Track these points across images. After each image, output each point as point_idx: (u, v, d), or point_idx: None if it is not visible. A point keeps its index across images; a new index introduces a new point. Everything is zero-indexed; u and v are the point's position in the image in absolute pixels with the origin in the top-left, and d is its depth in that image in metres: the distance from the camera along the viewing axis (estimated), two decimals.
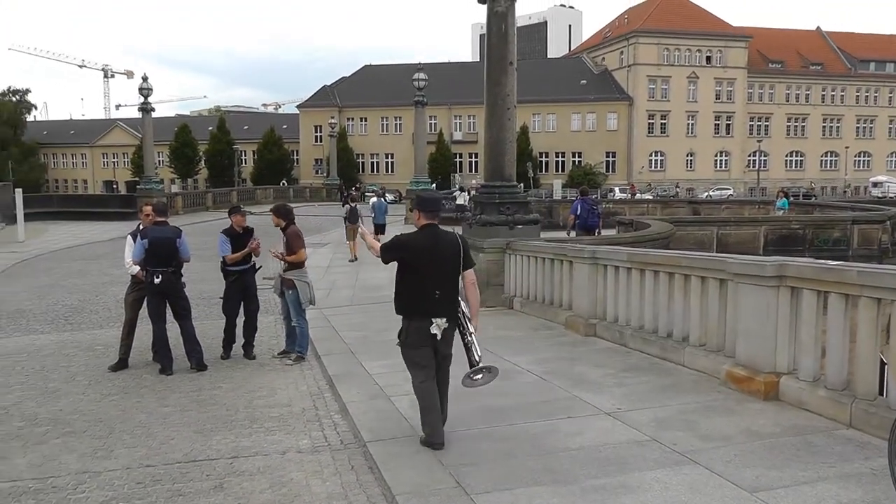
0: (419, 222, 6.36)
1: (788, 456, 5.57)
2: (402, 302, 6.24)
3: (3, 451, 6.75)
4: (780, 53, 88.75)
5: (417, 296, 6.13)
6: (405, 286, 6.22)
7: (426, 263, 6.13)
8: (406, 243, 6.30)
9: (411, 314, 6.17)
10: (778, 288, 6.94)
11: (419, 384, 6.18)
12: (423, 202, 6.46)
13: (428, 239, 6.24)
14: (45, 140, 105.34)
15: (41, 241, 31.02)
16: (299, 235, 10.13)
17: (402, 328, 6.22)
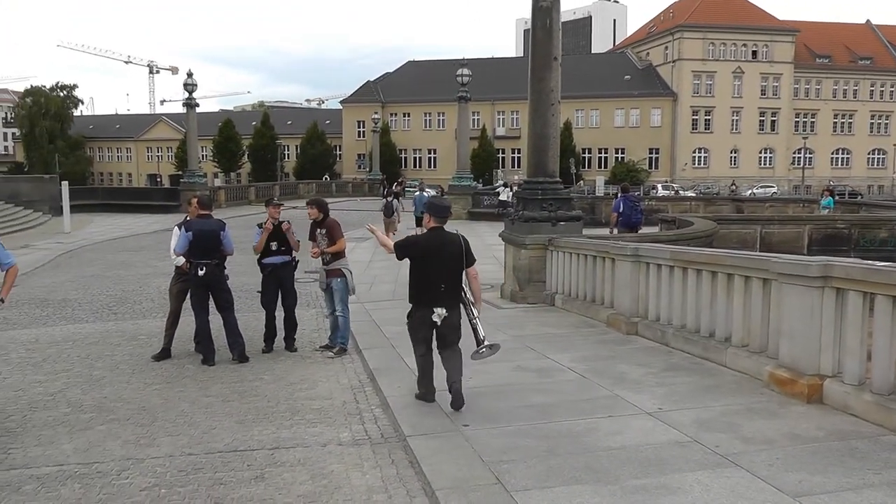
0: (429, 224, 7.28)
1: (832, 461, 5.46)
2: (412, 291, 7.30)
3: (50, 437, 6.89)
4: (827, 48, 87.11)
5: (425, 288, 7.14)
6: (415, 279, 7.23)
7: (433, 261, 7.08)
8: (416, 243, 7.39)
9: (418, 303, 7.21)
10: (823, 289, 6.80)
11: (420, 356, 7.32)
12: (435, 208, 7.35)
13: (435, 240, 7.18)
14: (91, 134, 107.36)
15: (86, 232, 31.61)
16: (338, 225, 10.23)
17: (411, 312, 7.32)
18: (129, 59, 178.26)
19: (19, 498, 5.48)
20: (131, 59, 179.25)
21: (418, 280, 7.20)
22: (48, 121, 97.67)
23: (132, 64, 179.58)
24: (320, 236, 10.08)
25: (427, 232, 7.30)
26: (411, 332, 7.38)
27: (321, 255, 10.10)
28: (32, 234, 30.28)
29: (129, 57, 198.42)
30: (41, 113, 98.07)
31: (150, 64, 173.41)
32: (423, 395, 7.39)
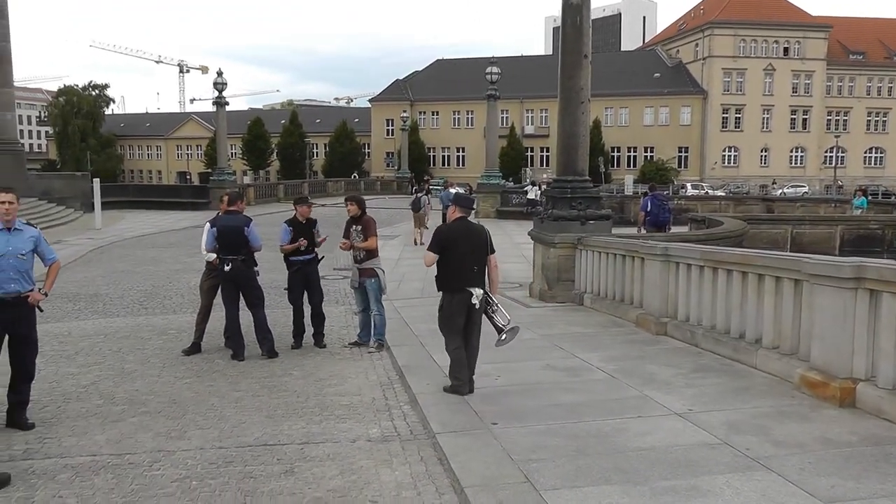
0: (454, 215, 7.74)
1: (866, 466, 5.39)
2: (444, 279, 7.59)
3: (83, 427, 6.99)
4: (861, 44, 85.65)
5: (458, 272, 7.49)
6: (446, 266, 7.54)
7: (464, 245, 7.52)
8: (446, 231, 7.75)
9: (454, 288, 7.52)
10: (856, 290, 6.70)
11: (454, 349, 7.54)
12: (461, 199, 7.96)
13: (463, 228, 7.68)
14: (122, 132, 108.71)
15: (117, 228, 31.97)
16: (374, 224, 10.25)
17: (444, 301, 7.59)
18: (160, 59, 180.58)
19: (55, 486, 5.57)
20: (162, 59, 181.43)
21: (451, 264, 7.50)
22: (80, 119, 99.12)
23: (163, 63, 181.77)
24: (355, 232, 10.11)
25: (453, 221, 7.73)
26: (446, 322, 7.58)
27: (354, 251, 10.12)
28: (64, 230, 30.65)
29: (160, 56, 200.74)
30: (73, 112, 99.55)
31: (181, 63, 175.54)
32: (457, 387, 7.50)
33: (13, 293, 6.58)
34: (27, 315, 6.79)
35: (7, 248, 6.54)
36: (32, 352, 6.97)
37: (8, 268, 6.54)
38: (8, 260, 6.54)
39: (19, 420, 6.92)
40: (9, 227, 6.62)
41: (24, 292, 6.68)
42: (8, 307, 6.54)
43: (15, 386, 6.92)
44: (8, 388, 6.96)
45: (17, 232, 6.68)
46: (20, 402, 6.96)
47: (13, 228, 6.66)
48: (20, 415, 6.95)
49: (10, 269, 6.55)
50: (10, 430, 6.86)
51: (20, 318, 6.70)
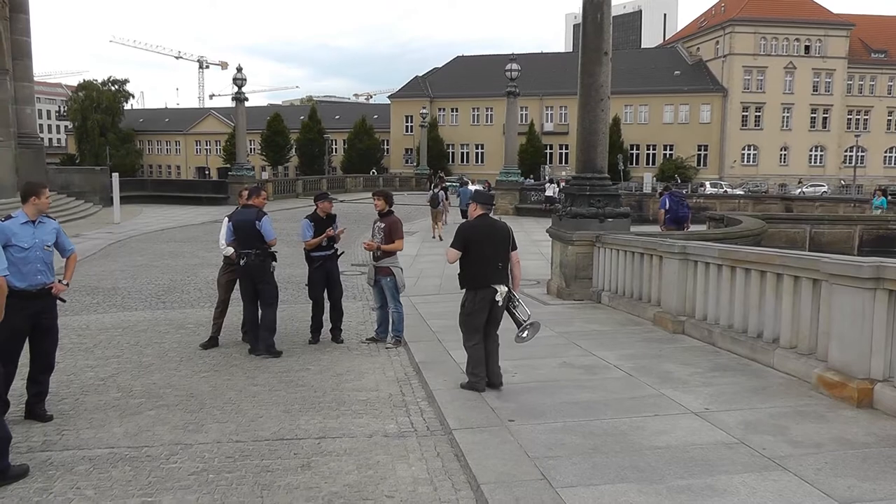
0: (476, 212, 7.78)
1: (883, 467, 5.35)
2: (468, 276, 7.60)
3: (101, 420, 7.05)
4: (883, 42, 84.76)
5: (483, 269, 7.50)
6: (471, 263, 7.55)
7: (487, 242, 7.55)
8: (470, 228, 7.70)
9: (478, 285, 7.52)
10: (875, 290, 6.64)
11: (473, 346, 7.58)
12: (481, 196, 8.04)
13: (485, 225, 7.71)
14: (141, 127, 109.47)
15: (135, 222, 32.21)
16: (401, 225, 10.21)
17: (467, 298, 7.61)
18: (180, 55, 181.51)
19: (73, 478, 5.62)
20: (182, 55, 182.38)
21: (475, 261, 7.51)
22: (100, 114, 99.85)
23: (182, 59, 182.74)
24: (377, 229, 10.11)
25: (476, 218, 7.73)
26: (468, 319, 7.60)
27: (374, 250, 10.12)
28: (83, 223, 30.91)
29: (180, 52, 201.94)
30: (93, 106, 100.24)
31: (200, 59, 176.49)
32: (474, 383, 7.52)
33: (39, 285, 6.71)
34: (51, 306, 6.93)
35: (34, 241, 6.66)
36: (54, 343, 7.09)
37: (35, 260, 6.67)
38: (35, 252, 6.66)
39: (39, 412, 7.01)
40: (34, 220, 6.74)
41: (49, 283, 6.81)
42: (35, 299, 6.66)
43: (35, 377, 7.01)
44: (28, 379, 7.03)
45: (41, 224, 6.82)
46: (39, 393, 7.05)
47: (38, 221, 6.78)
48: (39, 406, 7.03)
49: (38, 262, 6.69)
50: (29, 421, 6.93)
51: (45, 310, 6.83)
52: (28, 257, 6.59)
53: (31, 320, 6.69)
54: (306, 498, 5.28)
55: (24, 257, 6.56)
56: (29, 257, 6.60)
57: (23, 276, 6.55)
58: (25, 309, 6.54)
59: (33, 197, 6.73)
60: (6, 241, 6.40)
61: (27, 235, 6.63)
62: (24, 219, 6.70)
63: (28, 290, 6.59)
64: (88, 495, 5.33)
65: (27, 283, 6.59)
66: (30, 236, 6.64)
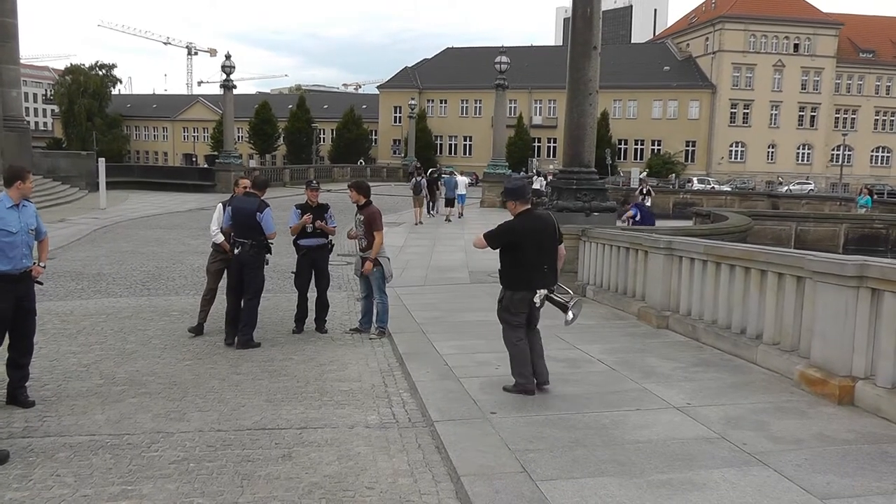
0: (516, 210, 7.14)
1: (862, 464, 5.39)
2: (511, 277, 7.12)
3: (83, 407, 7.03)
4: (872, 42, 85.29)
5: (528, 271, 7.03)
6: (514, 264, 7.06)
7: (534, 243, 7.01)
8: (514, 228, 7.08)
9: (519, 286, 7.07)
10: (858, 289, 6.69)
11: (517, 342, 7.12)
12: (515, 192, 7.25)
13: (533, 222, 7.12)
14: (128, 113, 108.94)
15: (121, 208, 32.04)
16: (379, 216, 10.14)
17: (505, 297, 7.18)
18: (168, 41, 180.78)
19: (53, 465, 5.60)
20: (170, 41, 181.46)
21: (519, 264, 7.06)
22: (87, 99, 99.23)
23: (171, 45, 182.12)
24: (357, 222, 10.09)
25: (520, 216, 7.14)
26: (507, 315, 7.21)
27: (357, 239, 10.10)
28: (69, 208, 30.71)
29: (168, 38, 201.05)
30: (80, 91, 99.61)
31: (189, 45, 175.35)
32: (523, 384, 7.09)
33: (24, 268, 6.75)
34: (32, 289, 6.97)
35: (20, 225, 6.70)
36: (33, 326, 7.09)
37: (21, 244, 6.71)
38: (21, 236, 6.70)
39: (21, 397, 6.99)
40: (17, 204, 6.74)
41: (30, 267, 6.87)
42: (19, 282, 6.70)
43: (18, 360, 6.99)
44: (9, 366, 7.01)
45: (24, 208, 6.83)
46: (23, 377, 7.04)
47: (21, 205, 6.79)
48: (22, 391, 7.02)
49: (23, 245, 6.74)
50: (10, 407, 6.90)
51: (27, 292, 6.87)
52: (15, 241, 6.62)
53: (15, 303, 6.69)
54: (286, 488, 5.27)
55: (11, 241, 6.59)
56: (16, 241, 6.62)
57: (9, 259, 6.58)
58: (11, 292, 6.61)
59: (18, 181, 6.72)
60: None
61: (13, 220, 6.63)
62: (10, 203, 6.68)
63: (12, 272, 6.61)
64: (68, 482, 5.30)
65: (12, 267, 6.61)
66: (16, 220, 6.65)
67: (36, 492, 5.15)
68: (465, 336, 9.99)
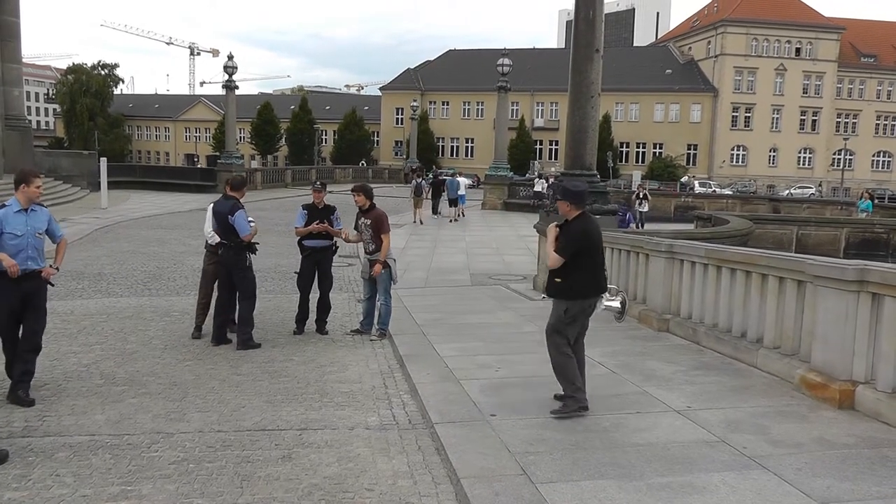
0: (572, 213, 6.70)
1: (862, 468, 5.39)
2: (579, 285, 6.64)
3: (83, 407, 7.03)
4: (873, 47, 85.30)
5: (593, 277, 6.70)
6: (583, 271, 6.62)
7: (598, 248, 6.80)
8: (586, 232, 6.67)
9: (588, 293, 6.70)
10: (858, 293, 6.69)
11: (567, 359, 6.70)
12: (575, 195, 6.76)
13: (596, 228, 6.80)
14: (130, 112, 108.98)
15: (123, 208, 32.03)
16: (386, 219, 10.13)
17: (570, 308, 6.65)
18: (171, 41, 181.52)
19: (52, 465, 5.59)
20: (173, 41, 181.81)
21: (587, 268, 6.64)
22: (89, 98, 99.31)
23: (173, 45, 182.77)
24: (364, 226, 10.07)
25: (579, 219, 6.68)
26: (563, 328, 6.70)
27: (364, 242, 10.11)
28: (70, 208, 30.71)
29: (171, 38, 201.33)
30: (82, 90, 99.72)
31: (192, 46, 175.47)
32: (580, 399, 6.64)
33: (29, 269, 6.97)
34: (41, 288, 7.22)
35: (27, 228, 6.99)
36: (42, 323, 7.28)
37: (27, 246, 6.99)
38: (27, 239, 6.99)
39: (23, 395, 7.03)
40: (26, 208, 7.04)
41: (39, 268, 7.10)
42: (26, 280, 6.95)
43: (23, 355, 7.11)
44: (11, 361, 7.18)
45: (33, 213, 7.13)
46: (27, 373, 7.12)
47: (30, 209, 7.09)
48: (24, 389, 7.07)
49: (30, 248, 7.02)
50: (10, 406, 6.90)
51: (35, 291, 7.11)
52: (21, 244, 6.91)
53: (22, 300, 6.98)
54: (286, 489, 5.27)
55: (16, 244, 6.88)
56: (21, 244, 6.91)
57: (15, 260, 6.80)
58: (15, 290, 6.88)
59: (23, 185, 7.00)
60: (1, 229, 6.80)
61: (20, 224, 6.93)
62: (18, 207, 6.99)
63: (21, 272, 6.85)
64: (67, 482, 5.30)
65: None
66: (22, 224, 6.95)
67: (35, 492, 5.14)
68: (466, 338, 9.99)
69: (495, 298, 13.63)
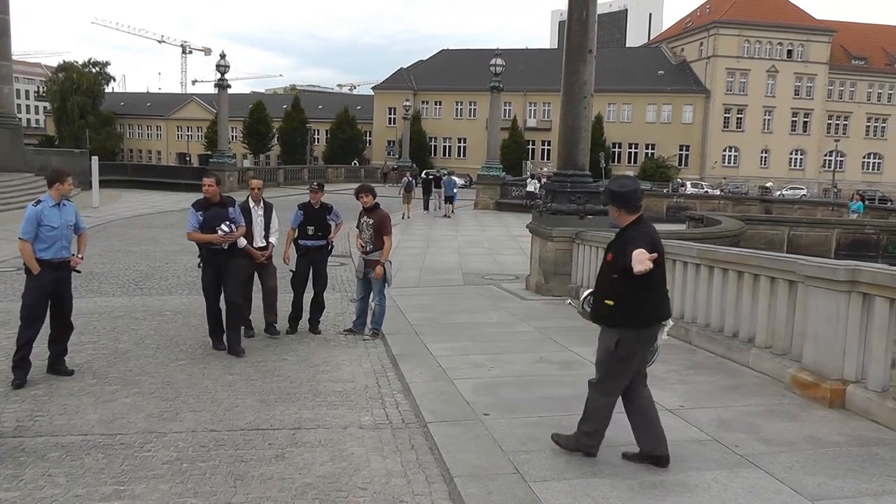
0: (625, 218, 5.40)
1: (852, 466, 5.43)
2: (641, 308, 5.28)
3: (75, 406, 7.01)
4: (864, 49, 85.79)
5: (660, 298, 5.40)
6: (646, 288, 5.23)
7: (662, 260, 5.34)
8: (656, 240, 5.27)
9: (650, 320, 5.37)
10: (849, 293, 6.74)
11: (609, 403, 5.49)
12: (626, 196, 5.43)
13: (658, 236, 5.38)
14: (122, 111, 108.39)
15: (114, 207, 31.96)
16: (389, 221, 10.14)
17: (626, 338, 5.30)
18: (163, 39, 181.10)
19: (44, 465, 5.58)
20: (165, 39, 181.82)
21: (653, 289, 5.32)
22: (80, 96, 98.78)
23: (165, 43, 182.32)
24: (365, 225, 10.07)
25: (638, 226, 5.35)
26: (623, 365, 5.42)
27: (361, 242, 10.12)
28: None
29: (163, 36, 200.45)
30: (73, 88, 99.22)
31: (184, 44, 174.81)
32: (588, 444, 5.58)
33: (62, 258, 7.91)
34: (69, 276, 8.15)
35: (61, 221, 7.87)
36: (70, 306, 8.23)
37: (62, 237, 7.89)
38: (62, 231, 7.88)
39: (61, 367, 8.10)
40: (58, 203, 7.88)
41: (69, 258, 8.02)
42: (60, 268, 7.89)
43: (58, 336, 8.11)
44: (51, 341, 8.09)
45: (64, 207, 7.98)
46: (62, 352, 8.18)
47: (62, 204, 7.93)
48: (61, 363, 8.13)
49: (63, 238, 7.92)
50: (0, 406, 6.90)
51: (65, 278, 8.04)
52: (56, 235, 7.80)
53: (54, 285, 7.84)
54: (279, 489, 5.27)
55: (53, 235, 7.77)
56: (57, 235, 7.81)
57: (51, 249, 7.77)
58: (51, 276, 7.77)
59: (57, 183, 7.86)
60: (40, 221, 7.68)
61: (55, 217, 7.81)
62: (52, 202, 7.83)
63: (52, 260, 7.77)
64: (60, 483, 5.29)
65: (52, 256, 7.78)
66: (57, 217, 7.83)
67: (27, 492, 5.13)
68: (459, 338, 10.00)
69: (488, 298, 13.64)
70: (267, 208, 10.27)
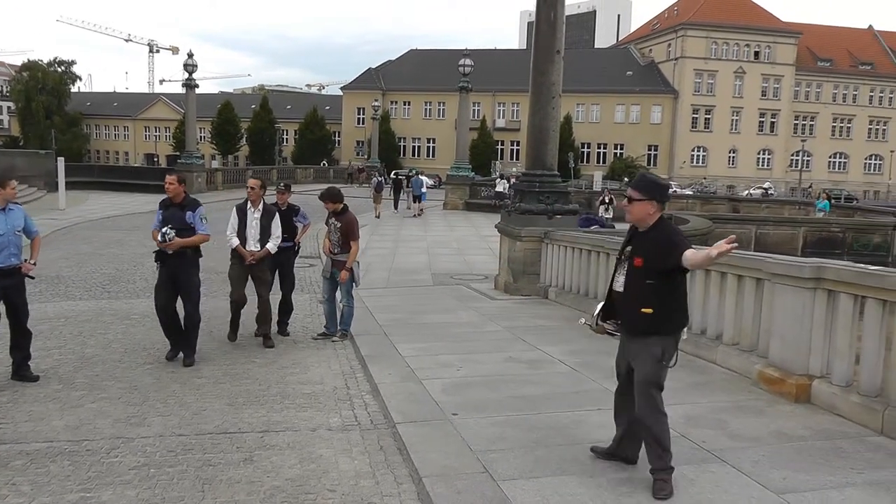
0: (653, 217, 5.12)
1: (817, 460, 5.52)
2: (679, 315, 5.09)
3: (40, 413, 6.90)
4: (829, 51, 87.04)
5: (685, 301, 5.20)
6: (677, 293, 5.06)
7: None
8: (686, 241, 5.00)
9: (681, 323, 5.15)
10: (815, 290, 6.85)
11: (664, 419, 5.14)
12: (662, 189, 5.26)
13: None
14: (88, 111, 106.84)
15: (81, 209, 31.59)
16: (357, 225, 10.09)
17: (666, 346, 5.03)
18: (130, 38, 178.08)
19: (8, 473, 5.49)
20: (132, 38, 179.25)
21: (683, 294, 5.16)
22: (45, 96, 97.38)
23: (132, 42, 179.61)
24: (333, 227, 10.03)
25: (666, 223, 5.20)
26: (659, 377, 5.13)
27: (330, 243, 10.07)
28: (27, 209, 29.47)
29: (130, 35, 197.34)
30: (38, 88, 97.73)
31: (151, 43, 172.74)
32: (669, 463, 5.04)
33: (11, 265, 7.60)
34: (21, 283, 7.83)
35: (6, 227, 7.55)
36: (25, 314, 7.95)
37: (9, 244, 7.57)
38: (8, 237, 7.56)
39: (27, 373, 7.88)
40: (3, 208, 7.58)
41: (18, 264, 7.72)
42: (7, 276, 7.56)
43: (17, 343, 7.90)
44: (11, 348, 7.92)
45: (10, 211, 7.68)
46: (25, 357, 7.96)
47: (7, 208, 7.63)
48: (25, 369, 7.91)
49: (11, 245, 7.60)
50: None
51: (15, 286, 7.71)
52: (3, 242, 7.48)
53: (3, 293, 7.57)
54: (248, 492, 5.23)
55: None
56: (3, 242, 7.48)
57: None
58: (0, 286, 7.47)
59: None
60: None
61: (0, 223, 7.47)
62: None
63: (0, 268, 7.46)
64: (24, 491, 5.20)
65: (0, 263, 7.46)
66: (3, 223, 7.50)
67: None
68: (428, 338, 10.00)
69: (457, 298, 13.66)
70: (267, 213, 9.74)
